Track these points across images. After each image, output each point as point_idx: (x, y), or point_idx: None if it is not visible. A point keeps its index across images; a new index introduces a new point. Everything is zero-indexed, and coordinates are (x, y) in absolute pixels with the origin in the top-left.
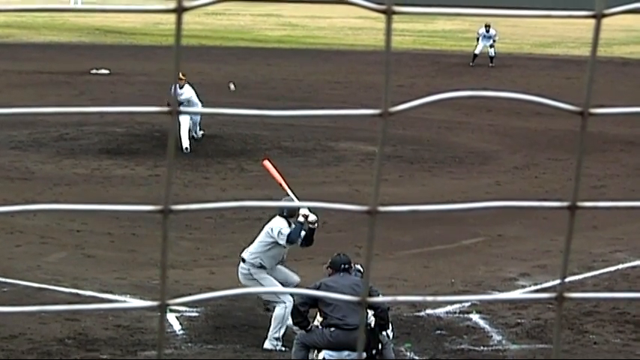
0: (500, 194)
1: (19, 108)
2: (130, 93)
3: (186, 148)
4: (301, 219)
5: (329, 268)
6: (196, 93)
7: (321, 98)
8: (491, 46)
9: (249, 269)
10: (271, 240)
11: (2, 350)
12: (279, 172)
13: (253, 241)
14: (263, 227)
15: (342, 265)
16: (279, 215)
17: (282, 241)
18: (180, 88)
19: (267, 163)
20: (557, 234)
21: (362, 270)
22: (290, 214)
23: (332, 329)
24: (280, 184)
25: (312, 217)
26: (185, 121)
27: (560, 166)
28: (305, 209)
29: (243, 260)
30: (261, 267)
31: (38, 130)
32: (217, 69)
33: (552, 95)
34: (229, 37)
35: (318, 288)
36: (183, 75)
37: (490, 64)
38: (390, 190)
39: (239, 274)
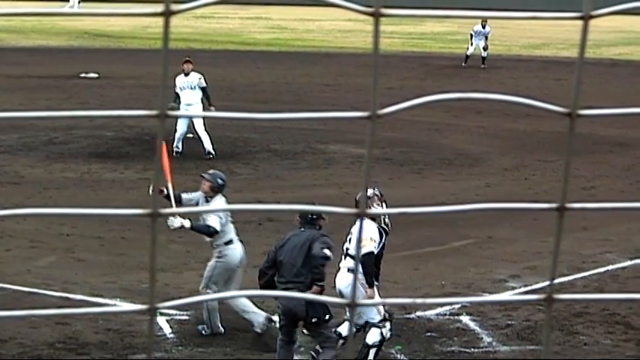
0: (489, 196)
1: (7, 112)
2: (119, 96)
3: (177, 152)
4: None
5: (300, 218)
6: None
7: (311, 101)
8: (485, 48)
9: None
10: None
11: None
12: (169, 162)
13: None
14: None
15: (310, 216)
16: (218, 191)
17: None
18: (186, 75)
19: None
20: (547, 235)
21: (379, 193)
22: (221, 188)
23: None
24: (165, 173)
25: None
26: (182, 123)
27: (550, 168)
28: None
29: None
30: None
31: (27, 134)
32: (206, 72)
33: (541, 97)
34: (218, 40)
35: (280, 243)
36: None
37: (482, 66)
38: None
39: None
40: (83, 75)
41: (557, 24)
